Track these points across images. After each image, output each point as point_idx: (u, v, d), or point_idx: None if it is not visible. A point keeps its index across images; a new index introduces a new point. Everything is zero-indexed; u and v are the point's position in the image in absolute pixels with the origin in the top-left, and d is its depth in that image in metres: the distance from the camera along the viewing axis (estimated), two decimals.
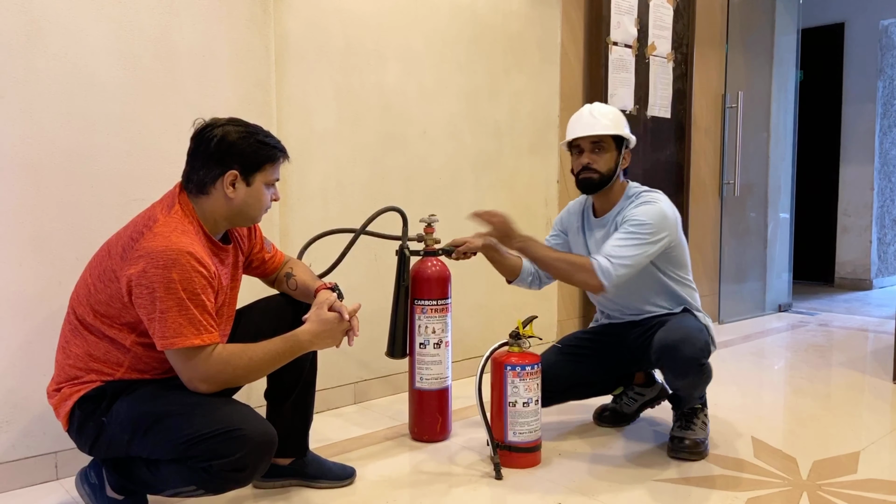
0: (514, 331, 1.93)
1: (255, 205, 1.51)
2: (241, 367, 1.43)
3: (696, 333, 1.92)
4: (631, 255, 1.89)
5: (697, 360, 1.88)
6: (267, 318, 1.68)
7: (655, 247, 1.93)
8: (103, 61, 1.88)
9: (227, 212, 1.50)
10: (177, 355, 1.39)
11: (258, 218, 1.56)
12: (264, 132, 1.52)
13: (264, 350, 1.47)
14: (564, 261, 1.94)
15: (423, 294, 2.07)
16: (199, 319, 1.37)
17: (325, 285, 1.66)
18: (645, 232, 1.90)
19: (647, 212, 1.93)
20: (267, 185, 1.51)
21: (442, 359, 2.10)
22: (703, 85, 3.93)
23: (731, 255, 4.21)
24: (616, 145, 2.02)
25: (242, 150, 1.46)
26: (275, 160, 1.51)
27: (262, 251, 1.73)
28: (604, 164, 2.00)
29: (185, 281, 1.35)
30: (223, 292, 1.54)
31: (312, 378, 1.77)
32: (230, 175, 1.47)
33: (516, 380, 1.88)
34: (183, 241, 1.39)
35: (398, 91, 2.59)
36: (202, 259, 1.40)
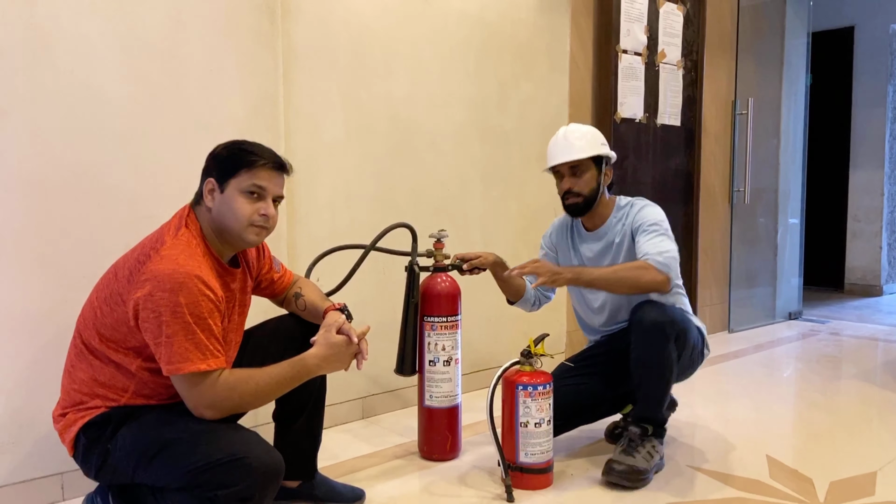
0: (525, 349, 1.89)
1: (228, 214, 1.42)
2: (248, 394, 1.40)
3: (670, 309, 1.91)
4: (670, 247, 1.92)
5: (660, 327, 1.84)
6: (275, 340, 1.65)
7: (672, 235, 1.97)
8: (110, 76, 1.85)
9: (212, 225, 1.46)
10: (182, 381, 1.36)
11: (243, 233, 1.44)
12: (255, 144, 1.48)
13: (271, 375, 1.44)
14: (626, 269, 1.91)
15: (432, 311, 2.03)
16: (205, 344, 1.34)
17: (333, 306, 1.64)
18: (664, 227, 1.96)
19: (653, 212, 1.99)
20: (242, 191, 1.42)
21: (452, 376, 2.06)
22: (713, 92, 3.88)
23: (740, 261, 4.16)
24: (595, 164, 2.03)
25: (221, 156, 1.45)
26: (251, 166, 1.42)
27: (270, 271, 1.70)
28: (585, 185, 2.01)
29: (191, 305, 1.33)
30: (230, 316, 1.51)
31: (322, 399, 1.75)
32: (208, 182, 1.45)
33: (528, 400, 1.84)
34: (190, 263, 1.36)
35: (406, 101, 2.56)
36: (209, 282, 1.37)
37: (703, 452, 2.17)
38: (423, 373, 2.06)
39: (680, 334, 1.88)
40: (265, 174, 1.44)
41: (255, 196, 1.43)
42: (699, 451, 2.18)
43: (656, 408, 1.95)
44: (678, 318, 1.89)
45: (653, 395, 1.94)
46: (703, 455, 2.15)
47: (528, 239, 3.02)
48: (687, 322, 1.94)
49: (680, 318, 1.90)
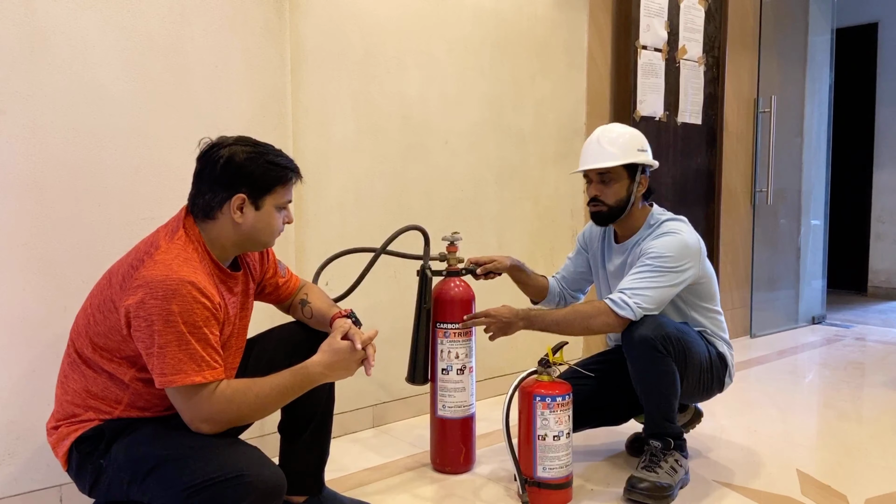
0: (543, 358, 1.80)
1: (265, 230, 1.42)
2: (247, 406, 1.33)
3: (664, 321, 1.80)
4: (650, 287, 1.79)
5: (650, 343, 1.75)
6: (281, 347, 1.59)
7: (678, 279, 1.82)
8: (111, 73, 1.78)
9: (235, 237, 1.41)
10: (177, 393, 1.29)
11: (270, 243, 1.47)
12: (275, 151, 1.42)
13: (272, 386, 1.36)
14: (575, 312, 1.85)
15: (445, 317, 1.95)
16: (200, 355, 1.28)
17: (341, 313, 1.57)
18: (665, 266, 1.81)
19: (666, 243, 1.83)
20: (278, 207, 1.42)
21: (466, 385, 1.98)
22: (734, 89, 3.76)
23: (762, 264, 4.04)
24: (628, 173, 1.91)
25: (251, 171, 1.37)
26: (286, 181, 1.41)
27: (275, 276, 1.63)
28: (612, 195, 1.91)
29: (185, 313, 1.26)
30: (230, 323, 1.44)
31: (329, 410, 1.67)
32: (238, 199, 1.37)
33: (546, 411, 1.75)
34: (184, 270, 1.29)
35: (419, 100, 2.49)
36: (205, 289, 1.30)
37: (729, 466, 2.07)
38: (435, 381, 1.99)
39: (677, 352, 1.79)
40: (292, 185, 1.44)
41: (282, 208, 1.44)
42: (726, 466, 2.08)
43: (663, 422, 1.87)
44: (674, 334, 1.79)
45: (656, 410, 1.86)
46: (730, 469, 2.04)
47: (544, 241, 2.93)
48: (687, 342, 1.82)
49: (676, 336, 1.80)
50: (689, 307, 1.95)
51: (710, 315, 1.98)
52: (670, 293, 1.82)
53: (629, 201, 1.92)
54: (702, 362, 1.87)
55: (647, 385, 1.82)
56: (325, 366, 1.42)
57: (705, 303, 1.96)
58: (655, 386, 1.81)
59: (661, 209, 1.99)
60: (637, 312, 1.78)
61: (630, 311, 1.78)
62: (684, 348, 1.81)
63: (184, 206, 1.43)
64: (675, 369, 1.80)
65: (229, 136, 1.41)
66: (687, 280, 1.85)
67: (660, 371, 1.78)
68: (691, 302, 1.94)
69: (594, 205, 1.94)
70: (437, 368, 1.97)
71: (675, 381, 1.81)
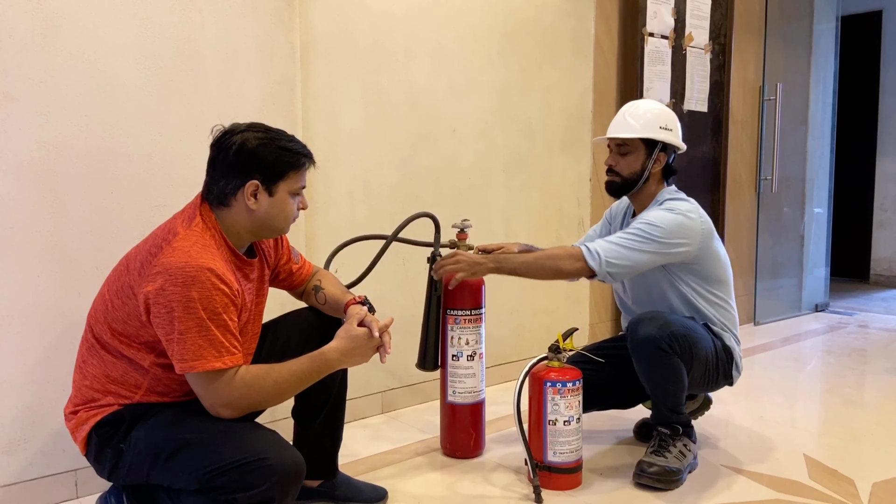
0: (553, 344, 1.81)
1: (279, 216, 1.42)
2: (266, 391, 1.35)
3: (669, 318, 1.82)
4: (627, 247, 1.81)
5: (656, 343, 1.77)
6: (295, 333, 1.60)
7: (661, 250, 1.83)
8: (123, 61, 1.78)
9: (250, 224, 1.41)
10: (197, 379, 1.31)
11: (285, 229, 1.48)
12: (287, 137, 1.42)
13: (290, 371, 1.38)
14: (545, 255, 1.86)
15: (455, 304, 1.97)
16: (220, 341, 1.29)
17: (355, 299, 1.58)
18: (649, 234, 1.82)
19: (661, 216, 1.85)
20: (292, 193, 1.43)
21: (476, 371, 2.00)
22: (740, 77, 3.76)
23: (766, 252, 4.05)
24: (647, 148, 1.94)
25: (263, 157, 1.37)
26: (299, 167, 1.42)
27: (289, 262, 1.64)
28: (626, 167, 1.94)
29: (205, 300, 1.27)
30: (247, 310, 1.45)
31: (342, 396, 1.69)
32: (251, 185, 1.37)
33: (556, 397, 1.77)
34: (203, 256, 1.30)
35: (427, 88, 2.49)
36: (223, 276, 1.31)
37: (737, 452, 2.08)
38: (445, 368, 2.00)
39: (683, 349, 1.80)
40: (305, 171, 1.44)
41: (296, 194, 1.44)
42: (734, 451, 2.09)
43: (671, 414, 1.88)
44: (679, 331, 1.80)
45: (663, 403, 1.88)
46: (738, 455, 2.06)
47: (551, 229, 2.93)
48: (693, 338, 1.83)
49: (682, 333, 1.80)
50: (697, 296, 1.95)
51: (721, 306, 1.97)
52: (647, 261, 1.82)
53: (642, 175, 1.94)
54: (707, 357, 1.88)
55: (654, 383, 1.84)
56: (342, 352, 1.43)
57: (716, 290, 1.96)
58: (662, 383, 1.83)
59: (677, 190, 1.99)
60: (602, 264, 1.79)
61: (597, 262, 1.79)
62: (690, 345, 1.82)
63: (199, 193, 1.43)
64: (682, 366, 1.81)
65: (241, 123, 1.42)
66: (674, 257, 1.85)
67: (666, 369, 1.80)
68: (687, 280, 1.94)
69: (609, 174, 1.97)
70: (447, 355, 1.98)
71: (681, 378, 1.82)
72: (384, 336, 1.48)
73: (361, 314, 1.49)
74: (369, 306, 1.57)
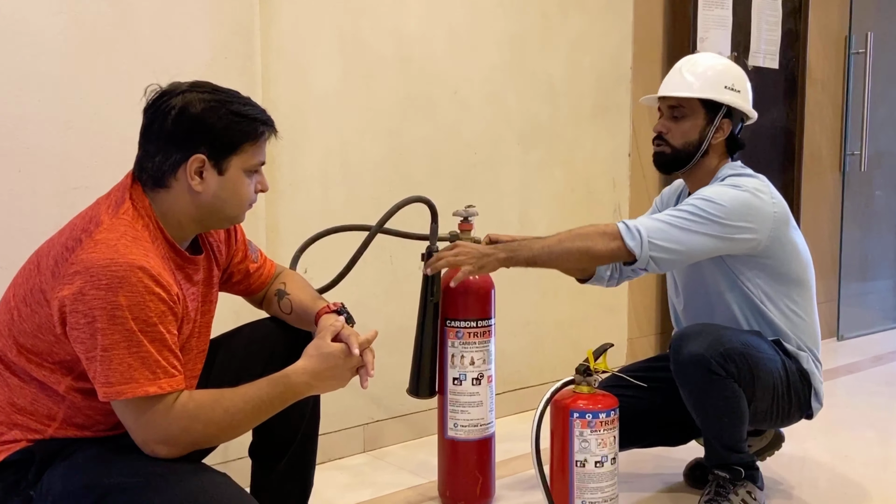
0: (582, 364, 1.81)
1: (231, 199, 1.42)
2: (215, 423, 1.34)
3: (723, 332, 1.82)
4: (677, 226, 1.81)
5: (704, 364, 1.77)
6: (253, 351, 1.60)
7: (720, 234, 1.83)
8: (36, 5, 1.78)
9: (194, 211, 1.41)
10: (126, 408, 1.30)
11: (239, 217, 1.48)
12: (242, 99, 1.43)
13: (246, 398, 1.38)
14: (572, 236, 1.86)
15: (457, 313, 1.98)
16: (155, 359, 1.29)
17: (329, 307, 1.58)
18: (706, 213, 1.83)
19: (722, 192, 1.87)
20: (247, 171, 1.43)
21: (483, 399, 2.01)
22: (820, 24, 3.76)
23: (853, 247, 4.07)
24: (707, 112, 1.95)
25: (211, 125, 1.37)
26: (256, 137, 1.41)
27: (245, 260, 1.64)
28: (679, 135, 1.96)
29: (135, 307, 1.27)
30: (190, 320, 1.45)
31: (313, 430, 1.69)
32: (195, 161, 1.37)
33: (586, 431, 1.77)
34: (134, 251, 1.30)
35: (421, 39, 2.50)
36: (160, 276, 1.31)
37: (816, 500, 2.10)
38: (444, 394, 2.01)
39: (741, 372, 1.80)
40: (264, 143, 1.44)
41: (253, 172, 1.44)
42: (811, 499, 2.10)
43: (728, 454, 1.89)
44: (736, 348, 1.80)
45: (717, 442, 1.89)
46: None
47: (579, 217, 2.92)
48: (756, 358, 1.83)
49: (740, 351, 1.80)
50: (766, 301, 1.95)
51: (797, 316, 1.98)
52: (702, 247, 1.83)
53: (700, 147, 1.94)
54: (776, 383, 1.88)
55: (705, 415, 1.85)
56: (312, 374, 1.42)
57: (792, 294, 1.96)
58: (715, 415, 1.84)
59: (744, 166, 2.00)
60: (644, 245, 1.79)
61: (638, 242, 1.79)
62: (751, 366, 1.82)
63: (129, 171, 1.43)
64: (740, 393, 1.81)
65: (183, 83, 1.42)
66: (737, 245, 1.85)
67: (719, 397, 1.80)
68: (770, 293, 1.95)
69: (657, 143, 1.99)
70: (446, 377, 1.99)
71: (738, 408, 1.82)
72: (366, 354, 1.48)
73: (337, 326, 1.49)
74: (347, 316, 1.57)
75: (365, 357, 1.48)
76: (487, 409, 2.01)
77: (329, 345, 1.45)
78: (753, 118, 2.01)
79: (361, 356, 1.47)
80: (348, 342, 1.46)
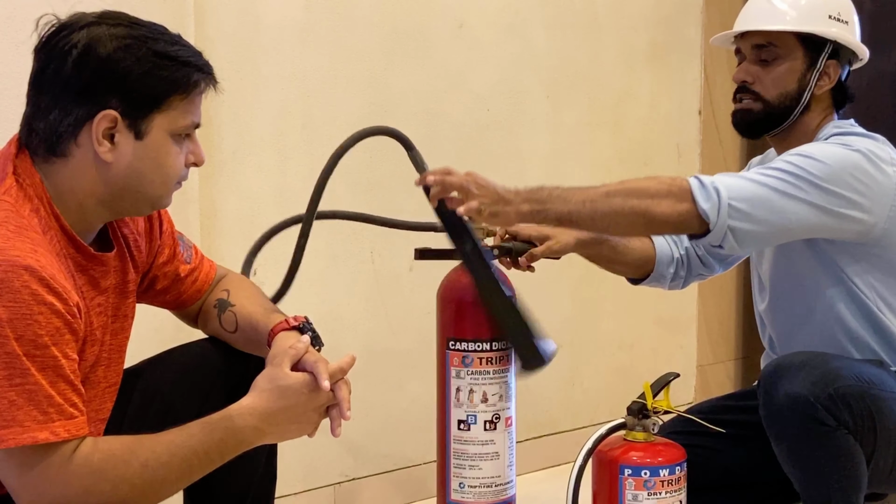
0: (636, 402, 1.82)
1: (152, 174, 1.43)
2: (129, 482, 1.35)
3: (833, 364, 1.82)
4: (765, 185, 1.81)
5: (807, 409, 1.76)
6: (184, 385, 1.63)
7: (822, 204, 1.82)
8: None
9: (102, 189, 1.42)
10: (7, 461, 1.31)
11: (163, 198, 1.48)
12: (169, 37, 1.44)
13: (172, 448, 1.38)
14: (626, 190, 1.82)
15: (464, 331, 1.97)
16: (46, 394, 1.29)
17: (287, 323, 1.58)
18: (806, 171, 1.82)
19: (828, 150, 1.89)
20: (175, 135, 1.44)
21: (500, 449, 2.00)
22: None
23: None
24: (807, 52, 1.97)
25: (125, 71, 1.37)
26: (188, 89, 1.42)
27: (173, 260, 1.66)
28: (772, 84, 1.98)
29: (19, 322, 1.27)
30: (96, 341, 1.46)
31: (267, 493, 1.71)
32: (104, 119, 1.37)
33: (642, 494, 1.78)
34: (17, 246, 1.30)
35: None
36: (53, 280, 1.31)
37: None
38: (447, 442, 2.01)
39: (858, 419, 1.80)
40: (199, 97, 1.45)
41: (183, 137, 1.46)
42: None
43: None
44: (853, 388, 1.80)
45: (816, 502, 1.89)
46: None
47: None
48: (878, 399, 1.83)
49: (858, 390, 1.81)
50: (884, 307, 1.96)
51: None
52: (799, 217, 1.82)
53: (800, 100, 1.96)
54: None
55: (807, 476, 1.86)
56: (264, 416, 1.43)
57: None
58: (820, 478, 1.84)
59: (854, 124, 2.00)
60: (723, 209, 1.78)
61: (715, 203, 1.77)
62: (872, 411, 1.82)
63: (14, 136, 1.44)
64: (856, 449, 1.82)
65: (88, 13, 1.42)
66: (842, 223, 1.85)
67: (827, 455, 1.81)
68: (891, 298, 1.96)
69: (742, 97, 2.00)
70: (449, 420, 1.99)
71: (853, 469, 1.83)
72: (339, 388, 1.48)
73: (299, 349, 1.49)
74: (313, 335, 1.57)
75: (337, 393, 1.48)
76: (505, 463, 2.01)
77: (287, 375, 1.45)
78: (865, 59, 2.02)
79: (332, 391, 1.47)
80: (315, 371, 1.46)
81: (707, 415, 2.05)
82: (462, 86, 2.62)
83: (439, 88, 2.58)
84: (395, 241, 2.36)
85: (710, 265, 2.18)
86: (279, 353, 1.49)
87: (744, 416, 2.04)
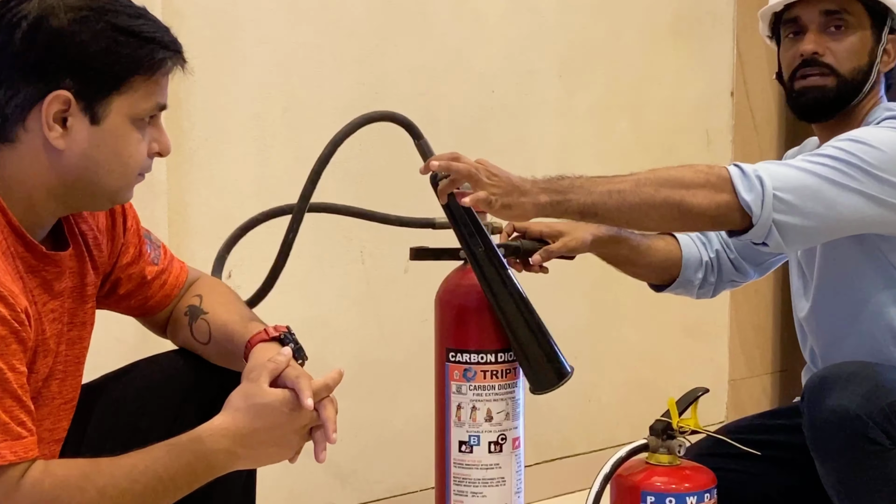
0: (660, 420, 1.84)
1: (110, 163, 1.43)
2: None
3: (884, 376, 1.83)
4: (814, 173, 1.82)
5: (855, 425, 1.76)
6: (150, 402, 1.63)
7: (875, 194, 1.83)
8: None
9: (53, 179, 1.42)
10: None
11: (122, 191, 1.49)
12: (132, 9, 1.44)
13: (134, 473, 1.39)
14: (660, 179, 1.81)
15: (465, 341, 1.96)
16: None
17: (266, 333, 1.59)
18: (858, 157, 1.83)
19: (881, 135, 1.89)
20: (136, 120, 1.44)
21: (507, 473, 2.00)
22: None
23: None
24: (874, 23, 1.98)
25: (81, 46, 1.38)
26: (152, 67, 1.43)
27: (139, 261, 1.66)
28: (846, 56, 1.98)
29: None
30: (50, 352, 1.46)
31: None
32: (56, 100, 1.37)
33: None
34: None
35: None
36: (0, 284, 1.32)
37: None
38: (447, 466, 2.01)
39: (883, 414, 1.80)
40: (165, 78, 1.46)
41: (146, 122, 1.46)
42: None
43: None
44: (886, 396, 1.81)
45: None
46: None
47: None
48: None
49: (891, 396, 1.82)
50: None
51: None
52: (852, 209, 1.83)
53: (868, 77, 1.97)
54: None
55: (853, 502, 1.86)
56: (238, 438, 1.44)
57: None
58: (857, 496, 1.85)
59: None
60: (767, 205, 1.78)
61: (758, 195, 1.78)
62: None
63: None
64: None
65: None
66: None
67: (878, 477, 1.82)
68: None
69: (810, 72, 1.99)
70: (449, 442, 1.99)
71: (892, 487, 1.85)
72: (324, 407, 1.49)
73: (279, 363, 1.50)
74: (295, 347, 1.58)
75: (322, 412, 1.49)
76: (512, 490, 2.01)
77: (266, 392, 1.46)
78: None
79: (316, 410, 1.48)
80: (296, 388, 1.46)
81: (740, 435, 2.06)
82: (463, 64, 2.64)
83: (437, 67, 2.60)
84: (389, 240, 2.39)
85: (744, 270, 2.18)
86: (257, 367, 1.49)
87: (782, 437, 2.05)
